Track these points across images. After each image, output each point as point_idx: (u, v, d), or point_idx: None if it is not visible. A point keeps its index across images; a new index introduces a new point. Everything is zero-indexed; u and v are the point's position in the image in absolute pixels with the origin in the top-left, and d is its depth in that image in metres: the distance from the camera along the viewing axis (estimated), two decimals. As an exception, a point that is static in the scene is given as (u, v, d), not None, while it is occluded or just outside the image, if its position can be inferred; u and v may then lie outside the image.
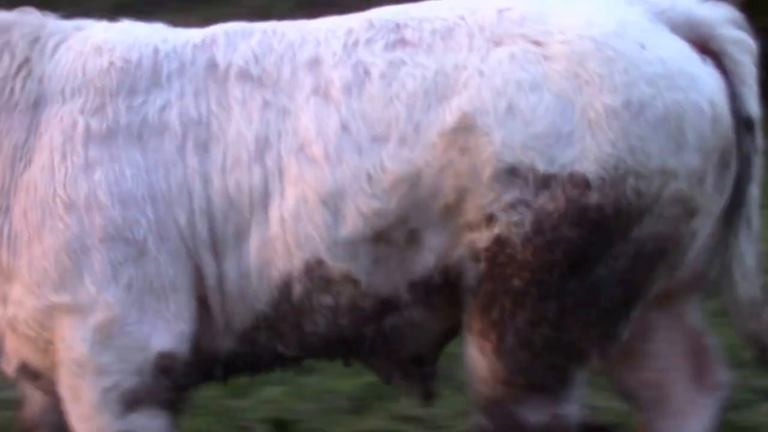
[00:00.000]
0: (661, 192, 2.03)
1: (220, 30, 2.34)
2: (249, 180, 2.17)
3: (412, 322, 2.26)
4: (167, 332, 2.19)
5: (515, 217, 2.05)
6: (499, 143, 2.05)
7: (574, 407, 2.21)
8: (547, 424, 2.18)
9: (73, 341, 2.18)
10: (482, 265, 2.09)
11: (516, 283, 2.08)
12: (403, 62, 2.16)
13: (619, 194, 2.03)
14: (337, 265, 2.18)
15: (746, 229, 2.22)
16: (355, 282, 2.19)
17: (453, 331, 2.34)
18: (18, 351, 2.22)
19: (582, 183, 2.02)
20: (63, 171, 2.16)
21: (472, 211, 2.08)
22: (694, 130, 2.05)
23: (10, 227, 2.19)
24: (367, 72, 2.17)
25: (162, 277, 2.17)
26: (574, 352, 2.15)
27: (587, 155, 2.02)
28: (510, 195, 2.05)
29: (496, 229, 2.05)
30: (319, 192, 2.14)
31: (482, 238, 2.08)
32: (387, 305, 2.23)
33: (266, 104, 2.19)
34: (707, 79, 2.11)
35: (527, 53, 2.09)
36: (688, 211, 2.08)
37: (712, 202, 2.14)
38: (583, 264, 2.06)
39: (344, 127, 2.15)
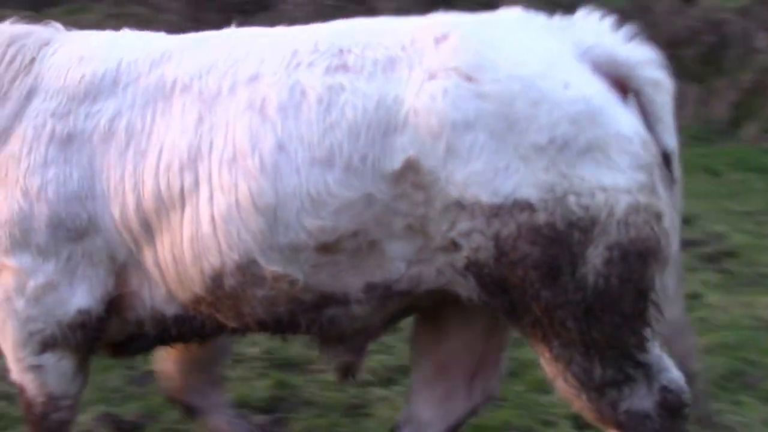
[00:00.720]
0: (614, 204, 2.24)
1: (178, 44, 2.63)
2: (180, 183, 2.43)
3: (353, 315, 2.50)
4: (89, 294, 2.60)
5: (474, 244, 2.28)
6: (444, 181, 2.25)
7: (674, 374, 2.42)
8: (663, 398, 2.40)
9: (11, 294, 2.63)
10: (472, 282, 2.34)
11: (531, 294, 2.30)
12: (342, 88, 2.32)
13: (565, 211, 2.24)
14: (271, 267, 2.39)
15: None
16: (292, 281, 2.41)
17: (390, 323, 2.70)
18: None
19: (527, 207, 2.24)
20: (26, 163, 2.55)
21: (437, 237, 2.31)
22: (625, 154, 2.26)
23: None
24: (303, 94, 2.34)
25: (96, 254, 2.56)
26: (622, 345, 2.35)
27: (526, 183, 2.23)
28: (464, 225, 2.27)
29: (464, 253, 2.30)
30: (255, 201, 2.34)
31: (456, 259, 2.32)
32: (330, 300, 2.46)
33: (201, 118, 2.43)
34: (627, 115, 2.31)
35: (460, 89, 2.25)
36: (654, 215, 2.30)
37: (670, 207, 2.37)
38: (558, 273, 2.27)
39: (280, 147, 2.33)
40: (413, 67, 2.31)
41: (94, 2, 12.36)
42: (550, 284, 2.28)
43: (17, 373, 2.74)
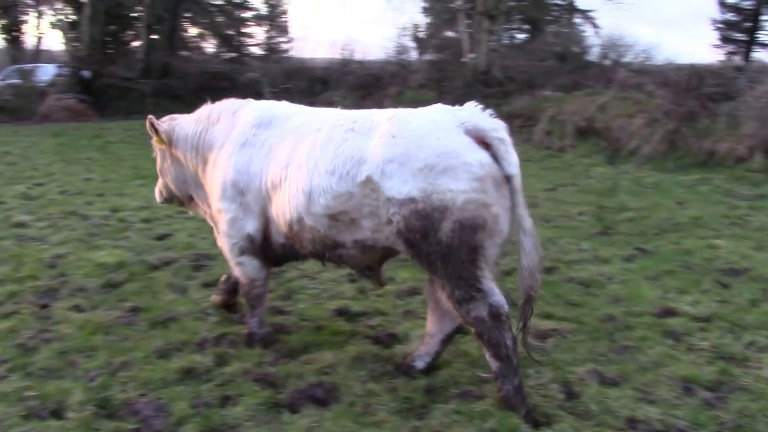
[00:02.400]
0: (455, 199, 4.12)
1: (300, 110, 5.16)
2: (280, 175, 4.77)
3: (351, 255, 4.67)
4: (252, 226, 5.06)
5: (396, 219, 4.26)
6: (382, 188, 4.26)
7: (496, 297, 4.27)
8: (489, 313, 4.26)
9: (221, 223, 5.18)
10: (405, 242, 4.32)
11: (417, 247, 4.26)
12: (347, 140, 4.48)
13: (431, 202, 4.15)
14: (309, 223, 4.64)
15: (521, 228, 4.23)
16: (318, 231, 4.64)
17: (379, 262, 4.85)
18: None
19: (414, 200, 4.19)
20: (225, 156, 5.12)
21: (384, 217, 4.33)
22: (466, 173, 4.13)
23: (207, 176, 5.36)
24: (332, 139, 4.54)
25: (250, 204, 5.00)
26: (465, 279, 4.20)
27: (414, 188, 4.18)
28: (391, 209, 4.26)
29: (394, 226, 4.30)
30: (303, 188, 4.59)
31: (393, 229, 4.33)
32: (338, 245, 4.65)
33: (294, 147, 4.75)
34: (476, 153, 4.17)
35: (388, 141, 4.29)
36: (483, 204, 4.14)
37: (500, 200, 4.19)
38: (428, 235, 4.19)
39: (316, 162, 4.55)
40: (374, 129, 4.44)
41: (606, 89, 14.93)
42: (425, 241, 4.22)
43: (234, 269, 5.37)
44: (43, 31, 41.72)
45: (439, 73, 25.75)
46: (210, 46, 37.67)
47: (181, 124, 5.55)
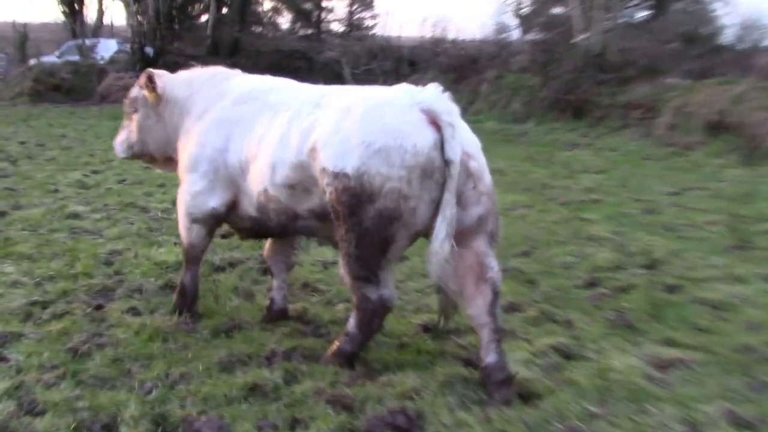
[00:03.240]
0: (383, 185, 4.59)
1: (279, 84, 5.74)
2: (255, 150, 5.35)
3: (313, 227, 5.30)
4: (219, 199, 5.69)
5: (329, 190, 4.77)
6: (321, 157, 4.79)
7: (388, 291, 4.92)
8: (378, 298, 4.91)
9: (184, 191, 5.79)
10: (332, 211, 4.83)
11: (341, 219, 4.76)
12: (310, 114, 5.07)
13: (361, 181, 4.62)
14: (272, 194, 5.27)
15: (441, 215, 4.57)
16: (280, 202, 5.27)
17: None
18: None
19: (347, 176, 4.65)
20: (201, 129, 5.73)
21: (321, 185, 4.85)
22: (399, 157, 4.58)
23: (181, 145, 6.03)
24: (298, 115, 5.15)
25: (226, 178, 5.59)
26: (369, 262, 4.79)
27: (348, 164, 4.65)
28: (326, 180, 4.77)
29: (327, 195, 4.82)
30: (268, 162, 5.21)
31: (327, 198, 4.84)
32: (297, 216, 5.28)
33: (267, 122, 5.36)
34: (418, 134, 4.62)
35: (340, 114, 4.85)
36: (403, 197, 4.61)
37: (422, 193, 4.63)
38: (355, 213, 4.68)
39: (281, 137, 5.16)
40: (330, 105, 5.03)
41: (742, 77, 14.44)
42: (349, 218, 4.72)
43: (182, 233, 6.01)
44: (105, 4, 43.00)
45: (545, 55, 25.40)
46: (285, 21, 38.25)
47: (171, 83, 6.20)
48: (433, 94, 4.84)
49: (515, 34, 32.19)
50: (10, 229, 8.84)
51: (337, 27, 38.32)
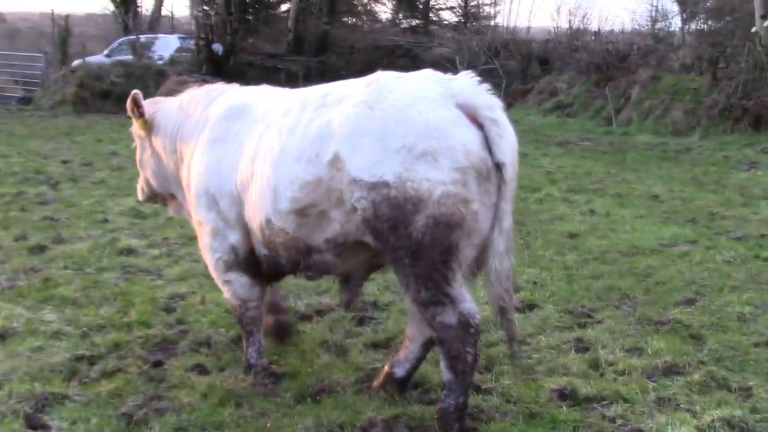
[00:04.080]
0: (432, 190, 4.88)
1: (252, 97, 6.13)
2: (247, 173, 5.65)
3: (330, 262, 5.57)
4: (234, 236, 5.99)
5: (362, 205, 5.02)
6: (349, 167, 5.02)
7: (467, 305, 5.18)
8: (458, 320, 5.13)
9: (203, 237, 6.19)
10: (370, 231, 5.12)
11: (383, 239, 5.08)
12: (317, 117, 5.28)
13: (404, 190, 4.89)
14: (277, 224, 5.51)
15: (498, 226, 5.08)
16: (287, 233, 5.51)
17: (361, 270, 5.78)
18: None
19: (386, 185, 4.93)
20: (198, 155, 6.17)
21: (348, 201, 5.09)
22: (448, 159, 4.88)
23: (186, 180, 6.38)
24: (300, 121, 5.37)
25: (226, 211, 5.92)
26: (432, 280, 5.05)
27: (388, 171, 4.91)
28: (359, 193, 5.02)
29: (360, 214, 5.07)
30: (268, 182, 5.42)
31: (359, 218, 5.10)
32: (311, 249, 5.53)
33: (261, 136, 5.63)
34: (462, 133, 4.94)
35: (362, 111, 5.07)
36: (461, 200, 4.92)
37: (482, 196, 4.99)
38: (398, 227, 4.97)
39: (281, 150, 5.39)
40: (346, 99, 5.26)
41: None
42: (393, 234, 5.02)
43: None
44: (164, -8, 43.96)
45: (714, 49, 25.01)
46: (385, 10, 38.65)
47: (163, 109, 6.63)
48: (469, 85, 5.16)
49: (676, 23, 31.81)
50: (50, 267, 9.10)
51: (450, 17, 38.56)
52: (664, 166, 17.53)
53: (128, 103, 6.50)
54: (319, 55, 30.53)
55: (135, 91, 6.57)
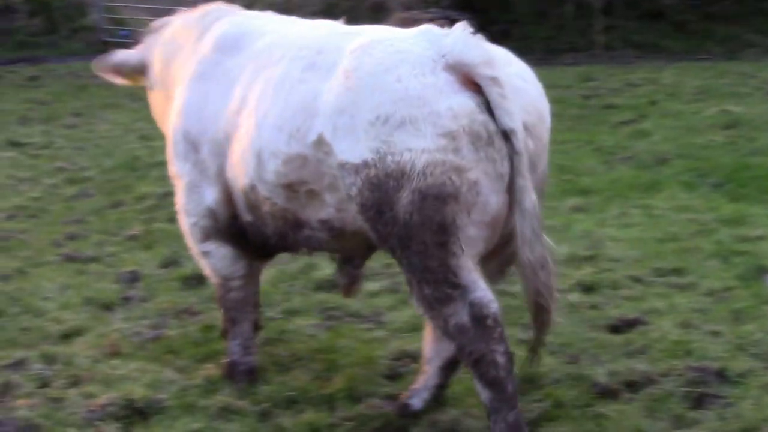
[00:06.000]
0: (414, 160, 5.77)
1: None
2: (232, 124, 6.90)
3: (319, 239, 6.75)
4: (211, 195, 7.23)
5: (353, 192, 6.05)
6: (336, 150, 6.10)
7: (482, 293, 5.96)
8: (473, 311, 5.90)
9: (177, 194, 7.63)
10: (366, 220, 6.13)
11: (378, 229, 6.07)
12: (303, 81, 6.42)
13: (384, 166, 5.86)
14: (263, 193, 6.68)
15: (518, 208, 5.93)
16: (275, 204, 6.66)
17: (361, 252, 7.02)
18: None
19: (367, 165, 5.92)
20: (179, 94, 7.59)
21: (343, 188, 6.13)
22: (431, 125, 5.78)
23: None
24: (286, 78, 6.53)
25: (206, 162, 7.22)
26: (433, 267, 5.90)
27: (366, 147, 5.91)
28: (348, 179, 6.05)
29: (354, 201, 6.09)
30: (252, 146, 6.63)
31: (355, 207, 6.14)
32: (302, 224, 6.69)
33: (248, 80, 6.90)
34: (450, 99, 5.82)
35: (341, 85, 6.12)
36: (452, 168, 5.76)
37: (480, 163, 5.84)
38: (383, 211, 5.93)
39: (265, 112, 6.55)
40: (330, 69, 6.30)
41: None
42: (380, 219, 5.97)
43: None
44: None
45: None
46: None
47: (150, 43, 8.22)
48: (461, 40, 5.99)
49: None
50: (213, 307, 8.81)
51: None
52: None
53: (101, 73, 8.48)
54: None
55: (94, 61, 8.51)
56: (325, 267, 10.17)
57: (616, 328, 8.70)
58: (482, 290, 5.93)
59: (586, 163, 15.22)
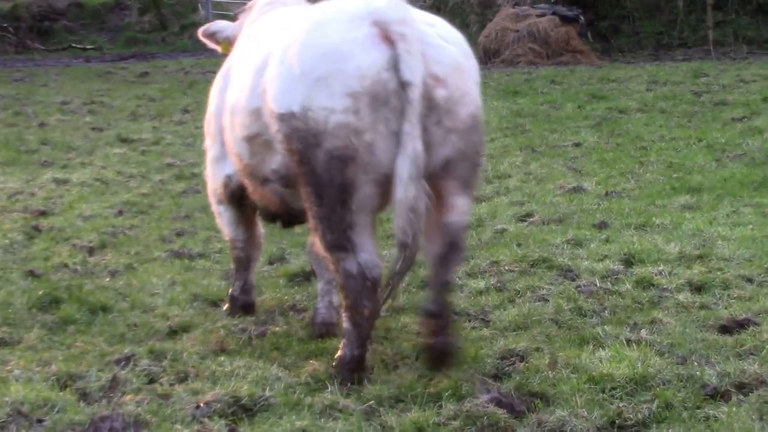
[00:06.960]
0: (327, 120, 6.89)
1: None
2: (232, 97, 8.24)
3: (282, 194, 7.98)
4: (231, 165, 8.56)
5: (279, 138, 7.27)
6: (268, 98, 7.30)
7: (367, 255, 7.20)
8: (358, 269, 7.16)
9: (208, 164, 9.28)
10: (291, 164, 7.46)
11: (298, 173, 7.27)
12: (268, 43, 7.73)
13: (306, 120, 6.99)
14: (235, 149, 8.20)
15: (402, 151, 6.83)
16: (243, 160, 8.13)
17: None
18: None
19: (293, 116, 7.06)
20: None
21: (276, 135, 7.47)
22: (340, 83, 6.87)
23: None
24: (259, 43, 8.00)
25: (228, 139, 8.51)
26: (335, 220, 7.08)
27: (294, 100, 7.02)
28: (276, 125, 7.25)
29: (281, 146, 7.38)
30: (230, 107, 8.12)
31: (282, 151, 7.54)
32: (265, 179, 8.01)
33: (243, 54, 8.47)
34: (363, 54, 6.89)
35: (284, 42, 7.31)
36: (354, 131, 6.86)
37: (377, 125, 6.92)
38: (306, 161, 7.07)
39: (240, 76, 8.00)
40: (277, 33, 7.84)
41: None
42: (300, 168, 7.12)
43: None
44: None
45: None
46: None
47: (233, 27, 9.41)
48: (389, 1, 6.87)
49: None
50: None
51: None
52: None
53: (202, 37, 9.67)
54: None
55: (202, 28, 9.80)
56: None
57: (727, 328, 8.54)
58: (370, 253, 7.07)
59: (697, 160, 15.06)
